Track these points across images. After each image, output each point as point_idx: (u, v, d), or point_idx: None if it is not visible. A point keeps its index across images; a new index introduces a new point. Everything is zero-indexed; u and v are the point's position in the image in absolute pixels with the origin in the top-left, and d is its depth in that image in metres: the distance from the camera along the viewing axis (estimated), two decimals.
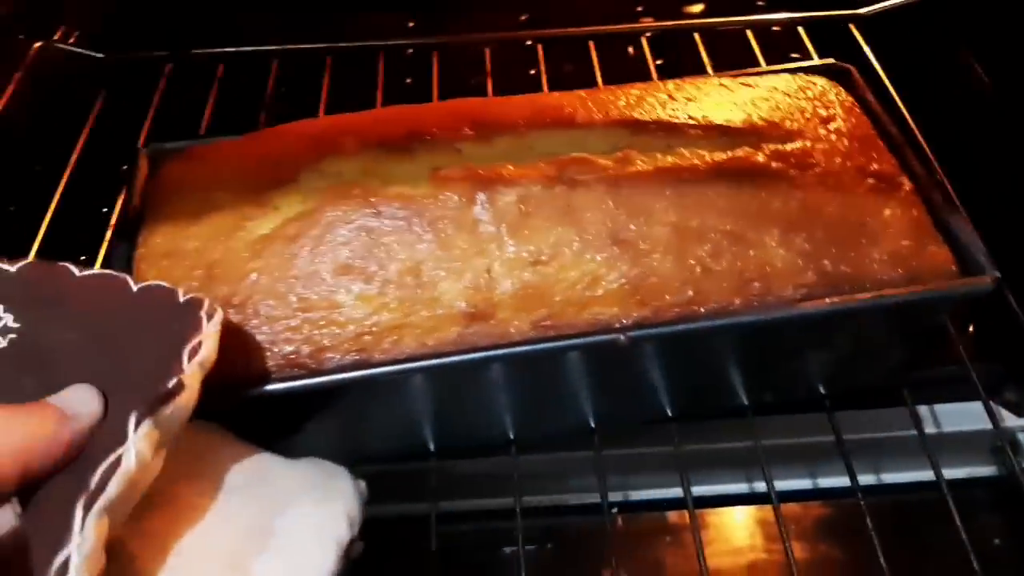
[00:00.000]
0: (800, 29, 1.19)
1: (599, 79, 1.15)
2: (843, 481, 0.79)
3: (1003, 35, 1.07)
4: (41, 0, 1.16)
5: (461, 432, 0.77)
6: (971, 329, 0.98)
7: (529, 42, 1.25)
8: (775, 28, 1.27)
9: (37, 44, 1.11)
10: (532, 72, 1.31)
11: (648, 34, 1.23)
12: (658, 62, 1.19)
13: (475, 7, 1.45)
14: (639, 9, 1.47)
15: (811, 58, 1.15)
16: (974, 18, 1.11)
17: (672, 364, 0.69)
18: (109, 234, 0.94)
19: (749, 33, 1.19)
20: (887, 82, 1.06)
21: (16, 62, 1.09)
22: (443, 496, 0.78)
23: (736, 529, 0.89)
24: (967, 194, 0.83)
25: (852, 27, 1.18)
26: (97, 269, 0.62)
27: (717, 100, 0.77)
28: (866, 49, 1.13)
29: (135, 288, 0.59)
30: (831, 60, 0.85)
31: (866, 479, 0.90)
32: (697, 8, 1.48)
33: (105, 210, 1.07)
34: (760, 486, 0.90)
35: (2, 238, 0.98)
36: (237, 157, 0.77)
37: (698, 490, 0.89)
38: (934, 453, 0.78)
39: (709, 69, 1.13)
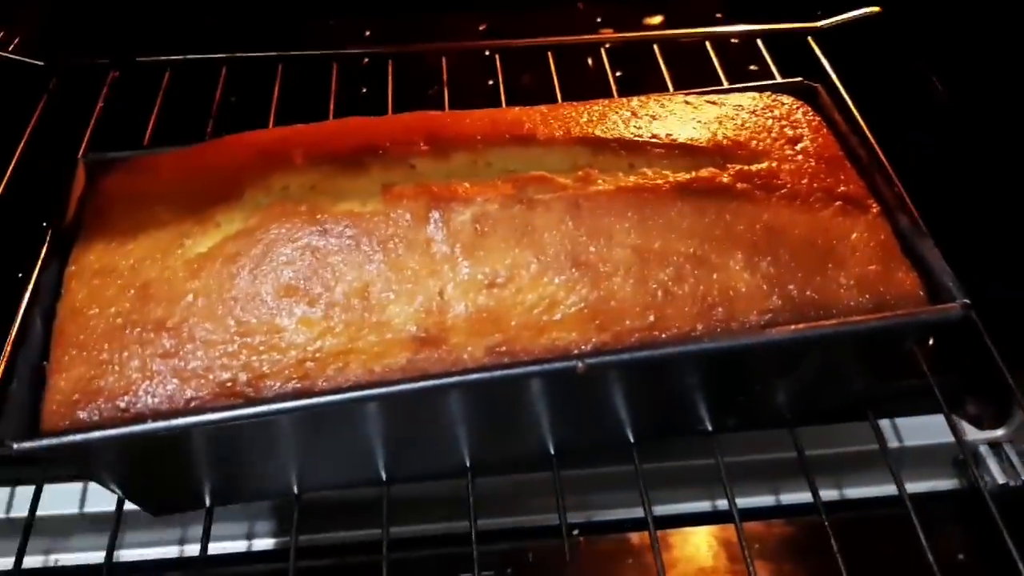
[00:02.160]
0: (759, 42, 1.17)
1: (558, 91, 1.11)
2: (806, 497, 0.76)
3: (959, 46, 1.05)
4: None
5: (412, 463, 0.72)
6: (931, 342, 0.95)
7: (488, 52, 1.20)
8: (734, 40, 1.24)
9: None
10: (490, 83, 1.26)
11: (607, 45, 1.19)
12: (617, 74, 1.16)
13: (434, 16, 1.40)
14: (599, 20, 1.43)
15: (770, 70, 1.12)
16: (931, 30, 1.09)
17: (632, 391, 0.65)
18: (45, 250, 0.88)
19: (708, 45, 1.15)
20: (844, 95, 1.03)
21: None
22: (394, 521, 0.72)
23: (699, 549, 0.85)
24: (924, 207, 0.80)
25: (810, 40, 1.15)
26: None
27: (681, 118, 0.72)
28: (824, 62, 1.10)
29: None
30: (799, 78, 0.80)
31: (829, 495, 0.87)
32: (656, 20, 1.45)
33: (45, 224, 1.00)
34: (722, 504, 0.87)
35: None
36: (180, 169, 0.71)
37: (660, 510, 0.85)
38: (897, 468, 0.75)
39: (668, 81, 1.10)
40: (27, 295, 0.65)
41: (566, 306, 0.61)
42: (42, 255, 0.68)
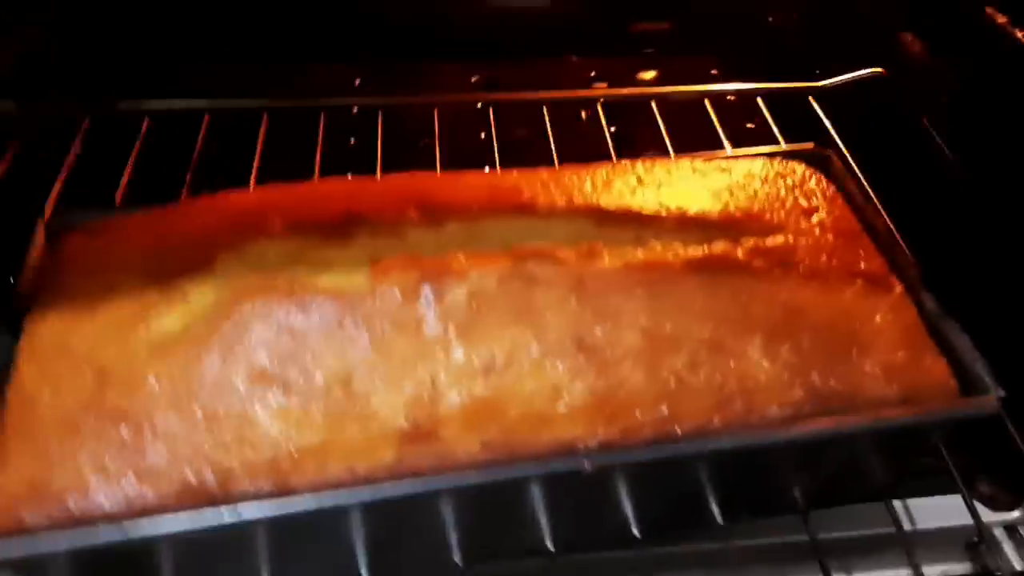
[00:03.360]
0: (759, 100, 1.12)
1: (553, 145, 1.06)
2: None
3: (967, 108, 1.01)
4: None
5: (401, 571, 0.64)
6: None
7: (480, 104, 1.15)
8: (730, 98, 1.20)
9: None
10: (483, 135, 1.22)
11: (603, 100, 1.14)
12: (612, 129, 1.11)
13: (425, 66, 1.36)
14: (592, 74, 1.39)
15: (767, 128, 1.08)
16: (936, 90, 1.05)
17: (643, 488, 0.58)
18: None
19: (707, 103, 1.11)
20: (849, 158, 0.98)
21: None
22: None
23: None
24: (936, 283, 0.75)
25: (811, 99, 1.11)
26: None
27: (690, 187, 0.66)
28: (826, 123, 1.06)
29: None
30: (809, 144, 0.75)
31: None
32: (650, 75, 1.41)
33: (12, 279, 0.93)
34: None
35: None
36: (148, 234, 0.64)
37: None
38: (912, 550, 0.69)
39: (666, 138, 1.05)
40: None
41: (570, 395, 0.55)
42: None
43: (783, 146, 0.76)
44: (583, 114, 1.25)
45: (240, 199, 0.66)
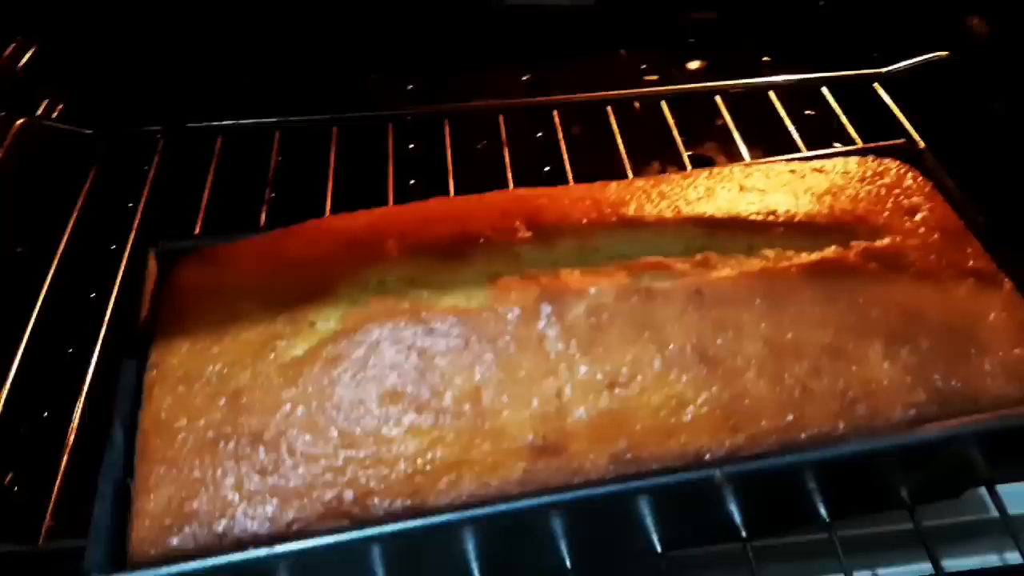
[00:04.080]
0: (823, 90, 1.12)
1: (619, 142, 1.07)
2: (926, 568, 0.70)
3: None
4: (23, 72, 1.04)
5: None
6: None
7: (553, 110, 1.15)
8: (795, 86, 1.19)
9: (20, 120, 0.98)
10: (539, 134, 1.23)
11: (666, 98, 1.14)
12: (671, 120, 1.12)
13: (475, 69, 1.36)
14: (643, 67, 1.38)
15: (833, 112, 1.08)
16: (1006, 73, 1.04)
17: (765, 493, 0.59)
18: (103, 329, 0.84)
19: (773, 96, 1.10)
20: (923, 145, 0.98)
21: None
22: None
23: None
24: None
25: (877, 86, 1.10)
26: None
27: (792, 190, 0.66)
28: (895, 109, 1.05)
29: None
30: (901, 140, 0.75)
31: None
32: (699, 64, 1.41)
33: (94, 295, 0.96)
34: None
35: None
36: (262, 261, 0.65)
37: None
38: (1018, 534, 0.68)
39: (735, 132, 1.05)
40: (116, 404, 0.59)
41: (696, 406, 0.55)
42: (122, 359, 0.62)
43: (875, 144, 0.75)
44: (636, 105, 1.25)
45: (350, 224, 0.66)
